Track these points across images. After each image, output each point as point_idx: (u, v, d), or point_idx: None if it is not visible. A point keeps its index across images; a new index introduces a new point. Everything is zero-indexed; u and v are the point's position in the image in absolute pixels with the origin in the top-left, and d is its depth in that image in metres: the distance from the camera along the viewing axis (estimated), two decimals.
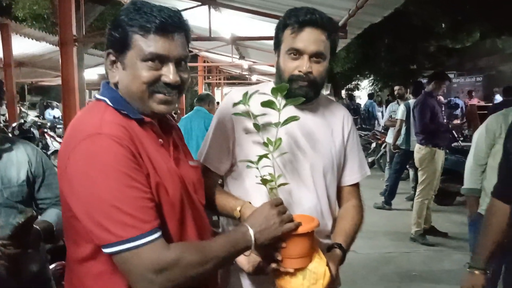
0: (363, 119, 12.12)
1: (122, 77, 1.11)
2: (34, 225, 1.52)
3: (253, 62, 11.48)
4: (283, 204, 1.23)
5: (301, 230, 1.22)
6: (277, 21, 1.45)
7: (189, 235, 1.14)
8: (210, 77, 16.03)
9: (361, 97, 22.47)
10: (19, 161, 1.67)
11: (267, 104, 1.28)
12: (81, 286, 1.10)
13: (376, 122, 11.02)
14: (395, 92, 6.91)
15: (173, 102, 1.13)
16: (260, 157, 1.27)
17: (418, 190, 4.96)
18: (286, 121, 1.29)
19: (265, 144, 1.29)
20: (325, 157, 1.50)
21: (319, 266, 1.26)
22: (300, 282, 1.25)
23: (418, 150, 4.92)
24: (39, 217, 1.66)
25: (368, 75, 22.04)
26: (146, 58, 1.07)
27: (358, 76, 21.64)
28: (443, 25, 14.92)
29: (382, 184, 7.05)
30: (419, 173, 4.94)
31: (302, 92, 1.41)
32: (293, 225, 1.19)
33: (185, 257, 1.01)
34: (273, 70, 11.19)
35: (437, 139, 4.85)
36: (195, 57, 12.80)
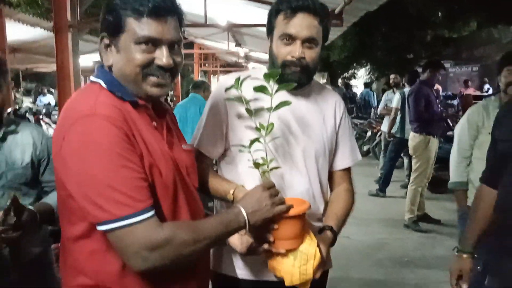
0: (359, 107, 12.13)
1: (116, 60, 1.12)
2: (30, 207, 1.53)
3: (249, 49, 11.44)
4: (275, 187, 1.25)
5: (292, 212, 1.25)
6: (268, 8, 1.45)
7: (182, 216, 1.16)
8: (206, 64, 15.97)
9: (358, 86, 22.45)
10: (24, 143, 1.68)
11: (260, 89, 1.29)
12: (75, 264, 1.11)
13: (372, 110, 11.03)
14: (391, 81, 6.93)
15: (166, 85, 1.15)
16: (252, 142, 1.29)
17: (411, 177, 5.00)
18: (278, 106, 1.30)
19: (257, 129, 1.30)
20: (317, 142, 1.52)
21: (309, 247, 1.29)
22: (291, 263, 1.28)
23: (413, 138, 4.96)
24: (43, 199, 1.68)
25: (364, 64, 22.00)
26: (139, 41, 1.08)
27: (355, 64, 21.60)
28: (439, 14, 14.89)
29: (377, 172, 7.11)
30: (413, 161, 4.99)
31: (295, 78, 1.42)
32: (284, 207, 1.22)
33: (178, 235, 1.03)
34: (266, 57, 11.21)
35: (431, 128, 4.88)
36: (191, 44, 12.73)
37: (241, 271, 1.53)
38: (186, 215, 1.17)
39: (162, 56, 1.10)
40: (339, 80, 13.52)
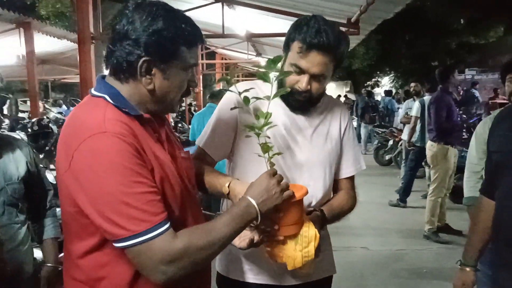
0: (382, 116, 11.99)
1: (162, 85, 1.14)
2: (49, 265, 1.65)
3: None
4: (279, 173, 1.27)
5: (297, 196, 1.28)
6: (290, 18, 1.49)
7: (189, 223, 1.19)
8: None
9: (382, 94, 22.26)
10: (17, 158, 1.71)
11: (261, 77, 1.30)
12: (86, 279, 1.13)
13: (394, 119, 10.91)
14: (411, 89, 6.83)
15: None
16: (255, 126, 1.30)
17: (430, 188, 4.91)
18: (276, 94, 1.32)
19: (256, 117, 1.32)
20: (322, 153, 1.57)
21: (309, 229, 1.34)
22: (293, 248, 1.32)
23: (430, 147, 4.87)
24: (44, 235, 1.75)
25: (388, 72, 21.79)
26: (187, 68, 1.16)
27: (378, 73, 21.44)
28: (462, 21, 14.64)
29: (399, 181, 6.99)
30: (431, 172, 4.89)
31: (298, 105, 1.51)
32: (291, 192, 1.25)
33: (193, 243, 1.05)
34: None
35: (450, 137, 4.79)
36: (213, 54, 12.90)
37: (249, 275, 1.57)
38: (192, 222, 1.20)
39: (195, 79, 1.22)
40: (362, 89, 13.39)
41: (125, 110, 1.11)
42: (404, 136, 6.61)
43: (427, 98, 5.63)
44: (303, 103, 1.50)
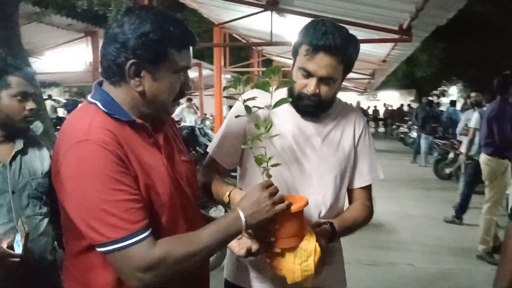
0: (445, 127, 11.39)
1: (151, 87, 1.14)
2: None
3: None
4: (274, 185, 1.24)
5: (292, 209, 1.24)
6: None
7: (179, 227, 1.19)
8: None
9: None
10: (42, 154, 1.81)
11: (260, 86, 1.30)
12: (78, 277, 1.17)
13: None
14: (472, 99, 6.46)
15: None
16: (254, 137, 1.28)
17: (485, 206, 4.58)
18: (278, 103, 1.30)
19: (256, 126, 1.31)
20: (334, 160, 1.53)
21: (309, 243, 1.29)
22: (292, 261, 1.29)
23: (488, 162, 4.55)
24: None
25: (455, 81, 20.71)
26: (179, 71, 1.16)
27: (444, 81, 20.44)
28: None
29: (457, 197, 6.60)
30: (486, 189, 4.56)
31: (307, 110, 1.47)
32: (285, 205, 1.21)
33: (172, 253, 1.06)
34: (349, 74, 11.09)
35: (510, 152, 4.45)
36: (269, 62, 12.99)
37: (255, 283, 1.55)
38: (184, 226, 1.21)
39: (187, 82, 1.21)
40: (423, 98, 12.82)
41: (116, 116, 1.13)
42: (463, 148, 6.23)
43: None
44: (313, 108, 1.46)
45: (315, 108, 1.47)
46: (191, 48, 1.18)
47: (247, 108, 1.31)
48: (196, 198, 1.33)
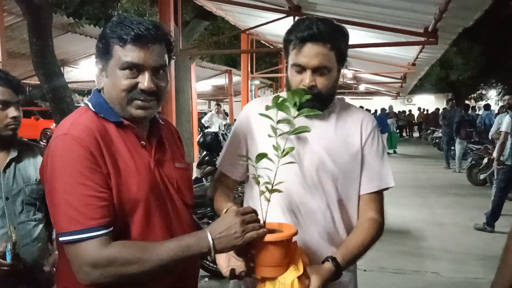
0: (479, 132, 11.01)
1: (105, 84, 1.21)
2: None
3: (355, 70, 11.25)
4: (253, 213, 1.20)
5: (270, 238, 1.20)
6: (365, 29, 1.46)
7: (155, 229, 1.19)
8: None
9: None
10: (36, 162, 1.84)
11: (281, 107, 1.30)
12: (61, 269, 1.23)
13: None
14: (505, 102, 6.23)
15: (150, 107, 1.21)
16: (259, 156, 1.28)
17: None
18: (296, 131, 1.30)
19: (274, 148, 1.29)
20: (335, 163, 1.46)
21: (288, 277, 1.23)
22: None
23: None
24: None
25: (494, 84, 19.98)
26: (123, 67, 1.16)
27: (482, 85, 19.76)
28: None
29: (490, 204, 6.38)
30: None
31: (308, 105, 1.38)
32: (255, 234, 1.15)
33: (122, 256, 1.07)
34: (379, 78, 10.85)
35: None
36: None
37: None
38: (160, 229, 1.20)
39: (144, 81, 1.17)
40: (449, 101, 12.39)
41: (102, 116, 1.20)
42: (495, 153, 6.02)
43: None
44: (314, 102, 1.38)
45: (315, 102, 1.40)
46: (144, 45, 1.15)
47: (258, 157, 1.29)
48: (188, 205, 1.33)
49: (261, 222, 1.23)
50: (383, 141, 1.55)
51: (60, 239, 1.09)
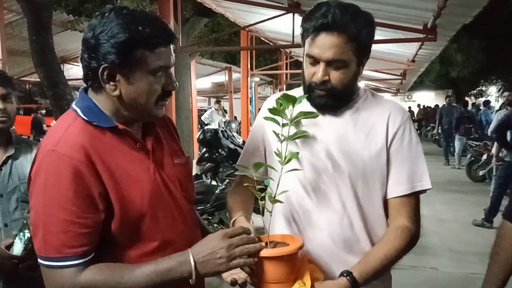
0: (478, 128, 11.05)
1: (128, 91, 1.10)
2: None
3: None
4: (244, 233, 1.12)
5: (267, 254, 1.13)
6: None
7: (162, 228, 1.16)
8: None
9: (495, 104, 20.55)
10: (33, 158, 1.87)
11: (273, 111, 1.22)
12: None
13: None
14: (505, 99, 6.25)
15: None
16: (256, 165, 1.22)
17: None
18: (294, 135, 1.23)
19: (277, 155, 1.23)
20: (352, 165, 1.31)
21: None
22: None
23: None
24: None
25: (494, 81, 19.98)
26: (156, 72, 1.10)
27: (482, 81, 19.76)
28: None
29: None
30: None
31: (321, 101, 1.31)
32: (242, 262, 1.08)
33: (96, 283, 1.03)
34: (379, 75, 10.80)
35: None
36: (299, 64, 12.98)
37: None
38: (166, 226, 1.17)
39: (171, 82, 1.14)
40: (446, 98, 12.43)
41: (95, 124, 1.10)
42: (494, 149, 6.04)
43: None
44: (326, 98, 1.29)
45: (328, 98, 1.29)
46: (169, 46, 1.11)
47: (255, 166, 1.24)
48: (190, 200, 1.30)
49: (266, 233, 1.18)
50: (417, 137, 1.37)
51: (38, 260, 1.05)
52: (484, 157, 8.29)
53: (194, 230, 1.29)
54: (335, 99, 1.30)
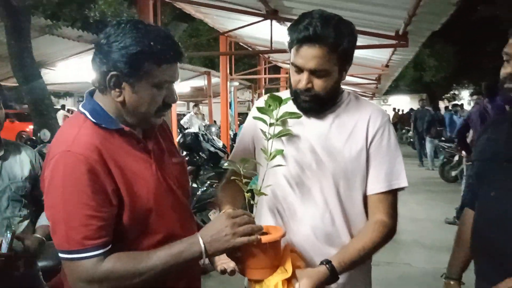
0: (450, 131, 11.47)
1: (131, 99, 1.18)
2: (37, 236, 1.80)
3: None
4: (244, 215, 1.21)
5: (262, 240, 1.21)
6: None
7: (169, 223, 1.25)
8: None
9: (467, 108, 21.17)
10: (22, 160, 1.92)
11: (261, 110, 1.32)
12: (65, 280, 1.26)
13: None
14: (474, 102, 6.52)
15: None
16: (243, 160, 1.32)
17: None
18: (278, 134, 1.32)
19: (263, 151, 1.32)
20: (335, 162, 1.40)
21: (272, 279, 1.24)
22: None
23: None
24: (38, 222, 1.92)
25: (466, 85, 20.60)
26: (160, 85, 1.18)
27: (454, 85, 20.34)
28: None
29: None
30: None
31: (306, 106, 1.40)
32: (246, 239, 1.17)
33: (117, 270, 1.11)
34: (355, 80, 11.01)
35: None
36: (277, 69, 13.16)
37: None
38: (174, 223, 1.27)
39: (172, 95, 1.23)
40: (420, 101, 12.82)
41: (103, 126, 1.18)
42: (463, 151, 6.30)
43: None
44: (310, 104, 1.38)
45: (313, 103, 1.38)
46: (174, 63, 1.19)
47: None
48: (187, 197, 1.39)
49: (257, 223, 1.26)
50: (395, 138, 1.46)
51: (59, 254, 1.13)
52: (456, 158, 8.59)
53: (192, 223, 1.39)
54: (318, 104, 1.40)
